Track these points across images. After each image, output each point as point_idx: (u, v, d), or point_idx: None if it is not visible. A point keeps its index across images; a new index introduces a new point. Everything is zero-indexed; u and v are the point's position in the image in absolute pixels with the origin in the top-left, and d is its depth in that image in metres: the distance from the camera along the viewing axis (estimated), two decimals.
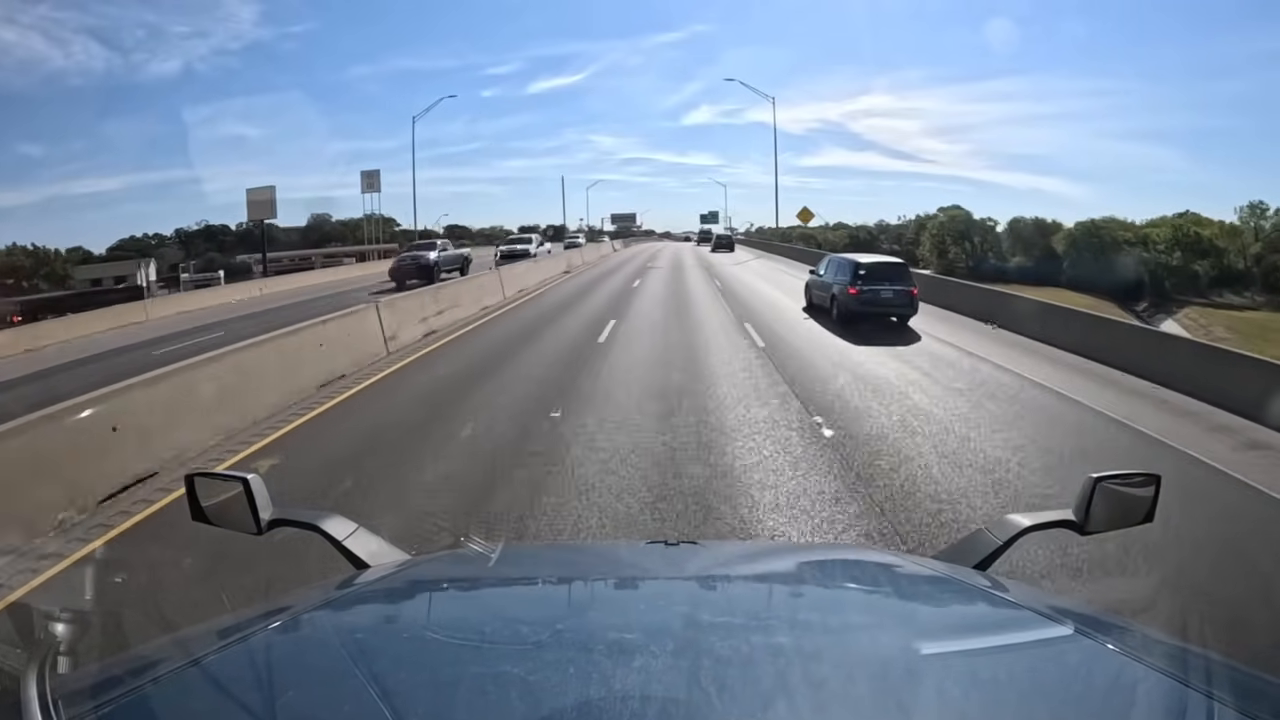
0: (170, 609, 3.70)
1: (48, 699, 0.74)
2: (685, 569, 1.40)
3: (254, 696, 0.87)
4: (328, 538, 1.48)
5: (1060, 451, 6.52)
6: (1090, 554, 4.26)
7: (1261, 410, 7.63)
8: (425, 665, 0.95)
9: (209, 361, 7.60)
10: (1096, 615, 1.11)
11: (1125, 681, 0.91)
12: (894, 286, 13.45)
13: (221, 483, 1.54)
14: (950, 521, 4.90)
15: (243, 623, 1.05)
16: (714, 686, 0.85)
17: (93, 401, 5.90)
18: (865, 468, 5.94)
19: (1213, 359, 9.26)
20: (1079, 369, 10.34)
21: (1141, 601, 4.05)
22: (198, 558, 4.23)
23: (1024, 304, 14.30)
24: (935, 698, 0.86)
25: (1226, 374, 8.55)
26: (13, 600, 4.06)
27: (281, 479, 5.81)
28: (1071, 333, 11.86)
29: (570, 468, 5.90)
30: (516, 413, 7.73)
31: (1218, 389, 8.43)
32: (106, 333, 20.48)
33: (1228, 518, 5.31)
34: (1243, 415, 7.78)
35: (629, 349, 11.53)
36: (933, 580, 1.35)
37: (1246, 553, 4.70)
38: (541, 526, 4.80)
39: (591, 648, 0.98)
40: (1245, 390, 8.01)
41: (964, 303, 16.03)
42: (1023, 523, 1.47)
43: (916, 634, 1.09)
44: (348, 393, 9.04)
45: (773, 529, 4.81)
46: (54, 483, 5.20)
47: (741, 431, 6.92)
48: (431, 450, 6.49)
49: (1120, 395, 8.87)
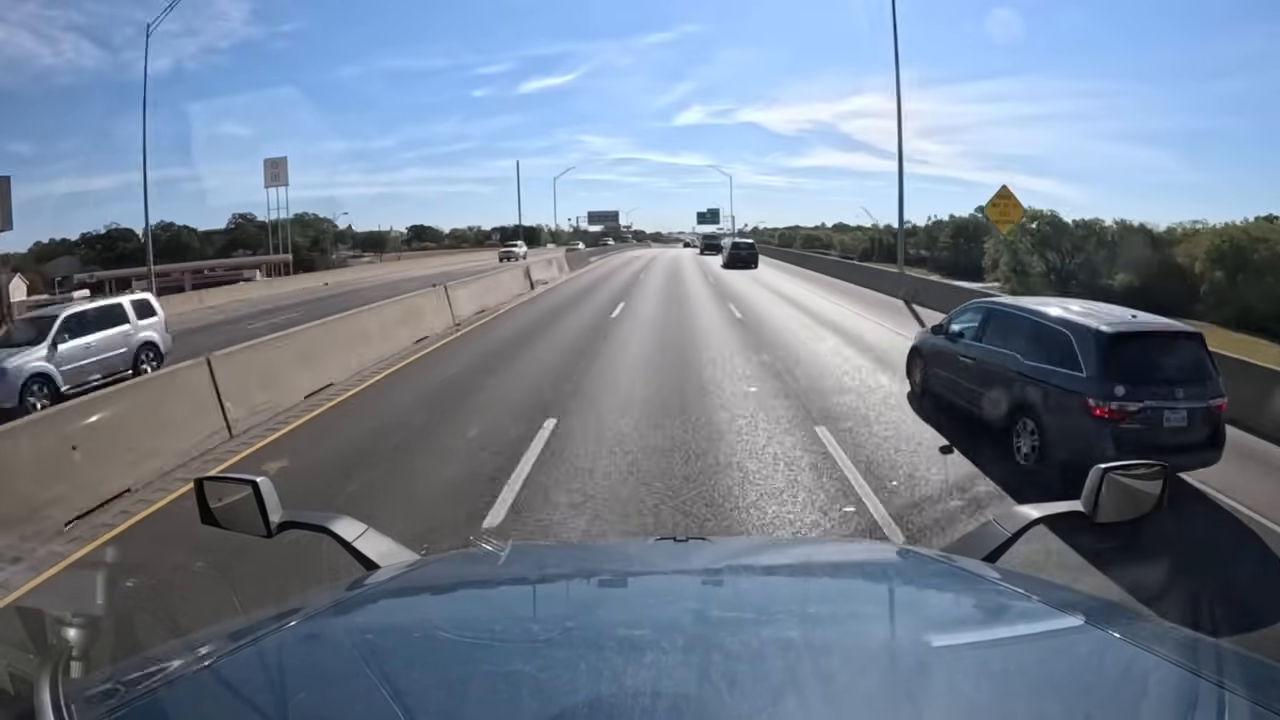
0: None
1: (61, 703, 0.75)
2: (694, 565, 1.40)
3: (267, 698, 0.88)
4: (338, 539, 1.48)
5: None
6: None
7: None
8: (436, 665, 0.95)
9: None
10: (1106, 606, 1.11)
11: (1136, 672, 0.90)
12: (1189, 394, 5.81)
13: (231, 485, 1.54)
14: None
15: (254, 624, 1.05)
16: (725, 682, 0.85)
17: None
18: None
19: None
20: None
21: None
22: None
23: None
24: (946, 690, 0.85)
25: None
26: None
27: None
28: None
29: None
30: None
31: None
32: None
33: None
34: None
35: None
36: (942, 573, 1.34)
37: None
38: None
39: (602, 645, 0.98)
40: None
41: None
42: (1031, 514, 1.47)
43: (926, 626, 1.09)
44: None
45: None
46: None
47: None
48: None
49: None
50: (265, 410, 8.36)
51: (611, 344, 12.68)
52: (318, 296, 27.75)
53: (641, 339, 13.28)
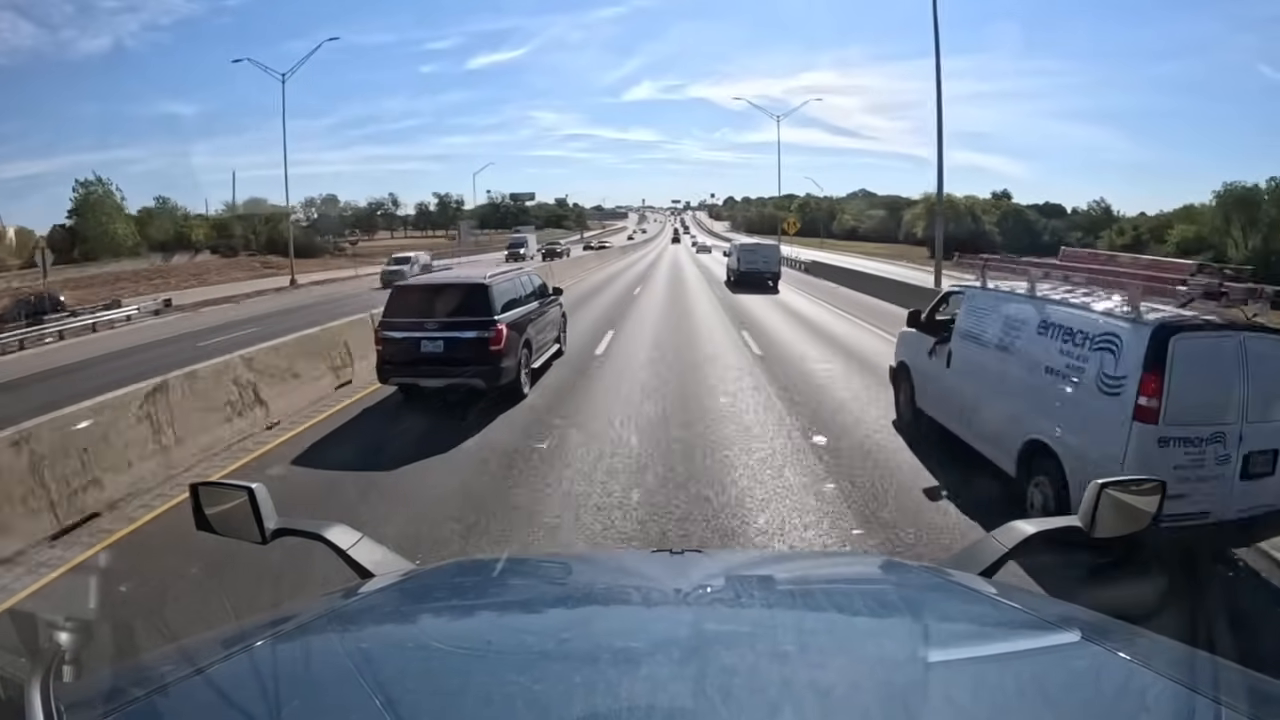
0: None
1: (52, 707, 0.74)
2: (690, 578, 1.39)
3: (258, 706, 0.87)
4: (332, 547, 1.48)
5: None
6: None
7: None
8: (429, 675, 0.95)
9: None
10: (1102, 621, 1.11)
11: (1132, 687, 0.90)
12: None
13: (226, 491, 1.54)
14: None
15: (247, 632, 1.05)
16: (720, 696, 0.85)
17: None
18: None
19: None
20: None
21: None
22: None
23: None
24: (942, 705, 0.85)
25: None
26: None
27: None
28: None
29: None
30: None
31: None
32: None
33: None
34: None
35: None
36: (938, 587, 1.34)
37: None
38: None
39: (597, 657, 0.97)
40: None
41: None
42: (1028, 530, 1.46)
43: (922, 641, 1.09)
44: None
45: None
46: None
47: None
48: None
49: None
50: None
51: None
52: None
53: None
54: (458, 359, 8.16)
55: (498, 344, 8.20)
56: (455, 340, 8.20)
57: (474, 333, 8.20)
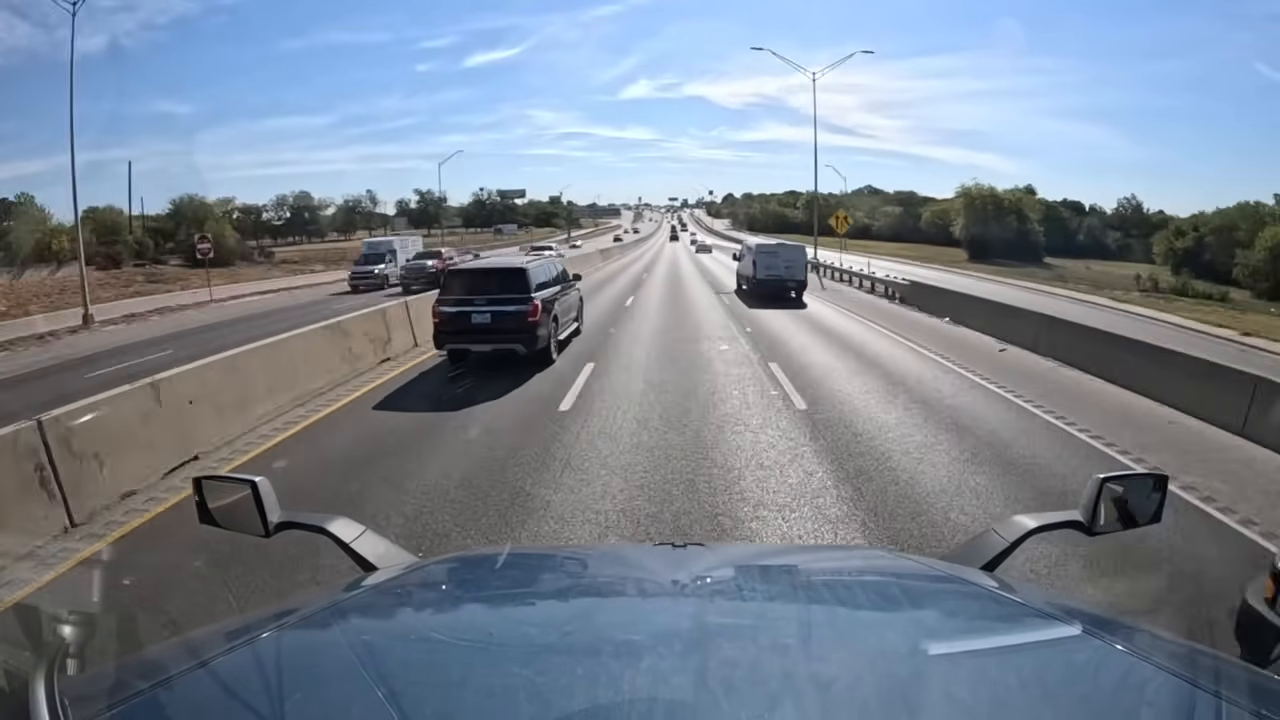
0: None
1: (56, 700, 0.75)
2: (692, 571, 1.39)
3: (262, 699, 0.87)
4: (336, 540, 1.48)
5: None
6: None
7: None
8: (433, 668, 0.95)
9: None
10: (1104, 615, 1.11)
11: (1133, 682, 0.90)
12: None
13: (229, 485, 1.54)
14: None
15: (251, 625, 1.05)
16: (722, 688, 0.85)
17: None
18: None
19: None
20: None
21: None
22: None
23: None
24: (943, 699, 0.85)
25: None
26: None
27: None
28: None
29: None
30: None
31: None
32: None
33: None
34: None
35: None
36: (940, 581, 1.34)
37: None
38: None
39: (599, 650, 0.97)
40: None
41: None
42: (1030, 524, 1.46)
43: (924, 635, 1.09)
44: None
45: None
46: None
47: None
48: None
49: None
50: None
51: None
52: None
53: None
54: (503, 328, 10.11)
55: (534, 316, 10.18)
56: (500, 313, 10.14)
57: (515, 306, 10.15)
